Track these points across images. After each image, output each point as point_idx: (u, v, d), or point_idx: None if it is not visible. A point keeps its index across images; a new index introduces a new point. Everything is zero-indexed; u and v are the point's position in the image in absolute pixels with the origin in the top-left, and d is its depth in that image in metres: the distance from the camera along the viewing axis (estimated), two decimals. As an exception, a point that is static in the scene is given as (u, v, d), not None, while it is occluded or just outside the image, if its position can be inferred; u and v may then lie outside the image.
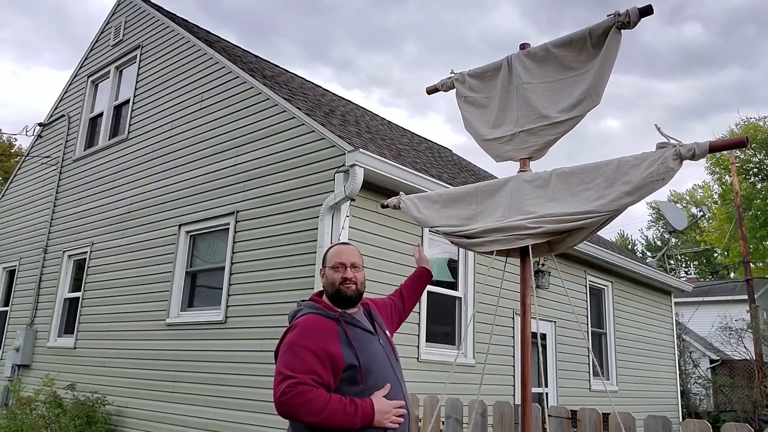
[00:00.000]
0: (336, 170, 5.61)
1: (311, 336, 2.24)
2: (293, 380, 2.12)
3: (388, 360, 2.37)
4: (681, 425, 2.80)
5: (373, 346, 2.35)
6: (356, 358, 2.23)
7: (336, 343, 2.24)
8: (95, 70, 10.35)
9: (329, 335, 2.26)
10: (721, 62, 56.72)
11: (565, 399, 8.28)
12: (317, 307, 2.40)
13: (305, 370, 2.14)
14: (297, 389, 2.11)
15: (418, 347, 6.29)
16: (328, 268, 2.48)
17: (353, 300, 2.44)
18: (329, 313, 2.35)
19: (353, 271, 2.45)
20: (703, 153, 2.05)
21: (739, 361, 16.06)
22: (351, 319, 2.37)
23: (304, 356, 2.17)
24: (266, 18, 73.97)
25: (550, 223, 2.29)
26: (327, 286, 2.47)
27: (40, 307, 9.51)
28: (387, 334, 2.54)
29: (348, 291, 2.42)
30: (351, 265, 2.46)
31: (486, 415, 3.88)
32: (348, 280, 2.43)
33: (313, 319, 2.32)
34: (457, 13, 69.97)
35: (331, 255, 2.53)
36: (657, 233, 39.55)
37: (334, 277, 2.44)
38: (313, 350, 2.19)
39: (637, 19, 2.26)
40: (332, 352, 2.20)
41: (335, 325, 2.31)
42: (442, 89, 2.98)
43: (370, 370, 2.25)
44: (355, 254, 2.52)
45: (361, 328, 2.38)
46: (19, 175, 11.64)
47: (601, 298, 9.93)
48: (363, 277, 2.52)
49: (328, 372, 2.17)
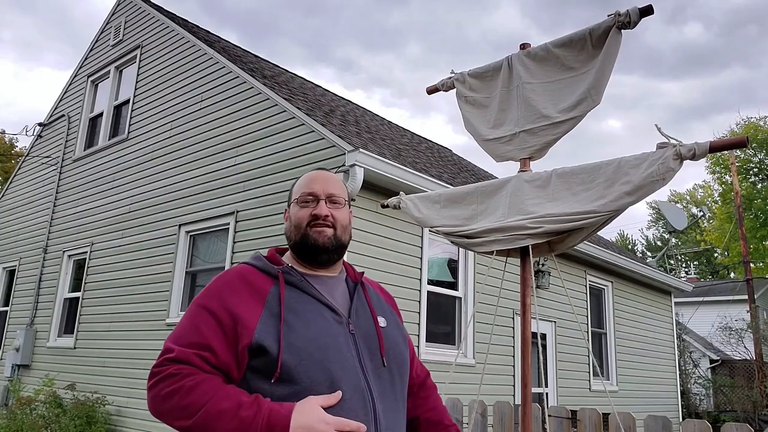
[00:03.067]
0: (336, 170, 5.61)
1: (219, 291, 1.47)
2: (170, 355, 1.38)
3: (357, 358, 1.46)
4: (681, 425, 2.80)
5: (326, 327, 1.46)
6: (276, 338, 1.38)
7: (253, 306, 1.43)
8: (95, 70, 10.35)
9: (249, 294, 1.46)
10: (723, 62, 56.79)
11: (565, 399, 8.28)
12: (257, 256, 1.61)
13: (193, 341, 1.39)
14: (167, 370, 1.35)
15: (418, 347, 6.29)
16: (293, 204, 1.64)
17: (327, 252, 1.57)
18: (268, 266, 1.54)
19: (331, 207, 1.60)
20: (704, 153, 2.04)
21: (739, 361, 16.06)
22: (301, 281, 1.52)
23: (198, 320, 1.43)
24: (268, 18, 74.05)
25: (550, 223, 2.29)
26: (290, 232, 1.61)
27: (40, 307, 9.50)
28: (379, 318, 1.61)
29: (319, 237, 1.56)
30: (327, 197, 1.61)
31: (486, 415, 3.88)
32: (321, 220, 1.57)
33: (238, 269, 1.56)
34: (459, 13, 70.03)
35: (298, 185, 1.67)
36: (657, 233, 39.58)
37: (299, 216, 1.59)
38: (214, 311, 1.42)
39: (637, 19, 2.26)
40: (240, 317, 1.40)
41: (270, 283, 1.50)
42: (442, 89, 2.98)
43: (299, 363, 1.37)
44: (333, 183, 1.66)
45: (316, 297, 1.50)
46: (19, 175, 11.64)
47: (601, 298, 9.93)
48: (347, 221, 1.65)
49: (228, 347, 1.39)
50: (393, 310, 1.73)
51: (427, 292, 6.55)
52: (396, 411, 1.49)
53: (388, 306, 1.73)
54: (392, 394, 1.50)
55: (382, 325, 1.60)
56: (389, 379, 1.51)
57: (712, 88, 57.27)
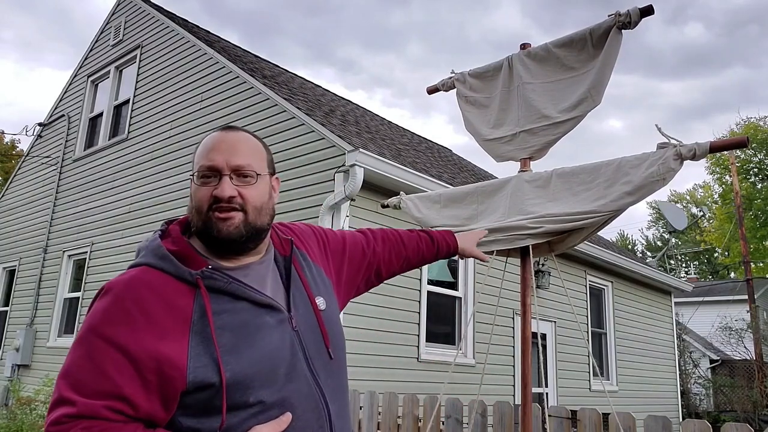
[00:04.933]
0: (336, 170, 5.61)
1: (124, 315, 1.13)
2: (70, 410, 1.07)
3: (304, 360, 1.26)
4: (681, 425, 2.80)
5: (271, 338, 1.22)
6: (217, 369, 1.13)
7: (180, 337, 1.13)
8: (95, 70, 10.35)
9: (166, 315, 1.14)
10: (724, 62, 56.84)
11: (565, 399, 8.28)
12: (162, 253, 1.22)
13: (99, 389, 1.08)
14: (73, 430, 1.06)
15: (418, 347, 6.29)
16: (193, 179, 1.30)
17: (237, 243, 1.26)
18: (181, 270, 1.19)
19: (239, 184, 1.26)
20: (704, 153, 2.04)
21: (739, 361, 16.06)
22: (227, 284, 1.21)
23: (102, 359, 1.10)
24: (270, 19, 74.09)
25: (550, 223, 2.29)
26: (192, 214, 1.30)
27: (40, 307, 9.50)
28: (318, 301, 1.37)
29: (224, 226, 1.24)
30: (233, 171, 1.26)
31: (486, 415, 3.87)
32: (225, 204, 1.24)
33: (141, 278, 1.19)
34: (460, 14, 70.05)
35: (198, 153, 1.31)
36: (657, 233, 39.58)
37: (199, 197, 1.27)
38: (124, 347, 1.10)
39: (638, 19, 2.26)
40: (165, 356, 1.11)
41: (190, 295, 1.18)
42: (442, 89, 2.97)
43: (250, 386, 1.16)
44: (241, 149, 1.29)
45: (250, 300, 1.23)
46: (19, 175, 11.64)
47: (601, 298, 9.92)
48: (263, 198, 1.30)
49: (150, 393, 1.10)
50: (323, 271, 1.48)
51: (427, 292, 6.55)
52: (344, 405, 1.35)
53: (316, 267, 1.45)
54: (340, 387, 1.34)
55: (322, 307, 1.36)
56: (336, 371, 1.33)
57: (712, 88, 57.35)
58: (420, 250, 1.87)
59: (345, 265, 1.60)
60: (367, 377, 5.45)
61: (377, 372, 5.73)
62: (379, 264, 1.72)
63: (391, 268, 1.78)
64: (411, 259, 1.85)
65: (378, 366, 5.78)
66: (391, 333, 6.00)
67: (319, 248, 1.53)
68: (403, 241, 1.83)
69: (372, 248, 1.71)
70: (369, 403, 4.21)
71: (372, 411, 4.18)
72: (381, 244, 1.75)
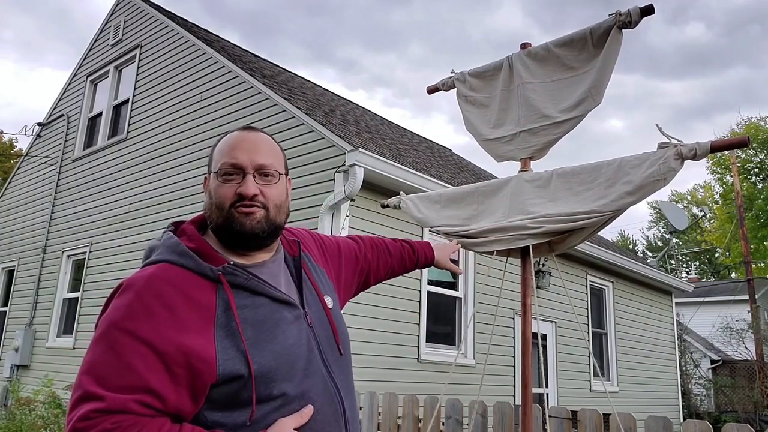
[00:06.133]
0: (336, 170, 5.59)
1: (148, 312, 1.14)
2: (99, 405, 1.06)
3: (319, 355, 1.30)
4: (682, 426, 2.79)
5: (290, 332, 1.26)
6: (245, 361, 1.16)
7: (204, 331, 1.15)
8: (94, 69, 10.34)
9: (190, 310, 1.16)
10: (725, 62, 56.84)
11: (566, 399, 8.26)
12: (182, 250, 1.24)
13: (128, 384, 1.08)
14: (99, 426, 1.05)
15: (418, 347, 6.28)
16: (213, 176, 1.33)
17: (258, 239, 1.30)
18: (202, 266, 1.22)
19: (261, 183, 1.31)
20: (705, 153, 2.03)
21: (740, 361, 16.06)
22: (247, 280, 1.24)
23: (127, 354, 1.10)
24: (270, 19, 74.12)
25: (550, 223, 2.28)
26: (211, 211, 1.31)
27: (39, 307, 9.49)
28: (326, 299, 1.43)
29: (247, 221, 1.28)
30: (257, 169, 1.31)
31: (486, 416, 3.86)
32: (248, 201, 1.28)
33: (163, 275, 1.20)
34: (461, 13, 70.06)
35: (219, 151, 1.34)
36: (658, 233, 39.57)
37: (221, 194, 1.29)
38: (150, 342, 1.11)
39: (638, 18, 2.25)
40: (192, 350, 1.12)
41: (211, 290, 1.21)
42: (442, 89, 2.97)
43: (274, 379, 1.19)
44: (264, 149, 1.34)
45: (268, 296, 1.26)
46: (18, 175, 11.63)
47: (601, 298, 9.91)
48: (282, 197, 1.35)
49: (179, 386, 1.12)
50: (325, 272, 1.53)
51: (427, 292, 6.54)
52: (354, 400, 1.39)
53: (319, 268, 1.51)
54: (350, 383, 1.39)
55: (330, 306, 1.42)
56: (345, 367, 1.39)
57: (713, 88, 57.36)
58: (403, 260, 1.94)
59: (342, 268, 1.65)
60: (367, 377, 5.44)
61: (377, 372, 5.72)
62: (369, 270, 1.79)
63: (378, 275, 1.84)
64: (395, 267, 1.91)
65: (378, 366, 5.77)
66: (391, 333, 5.99)
67: (319, 252, 1.59)
68: (389, 250, 1.89)
69: (363, 254, 1.77)
70: (369, 403, 4.20)
71: (372, 411, 4.17)
72: (371, 251, 1.82)
